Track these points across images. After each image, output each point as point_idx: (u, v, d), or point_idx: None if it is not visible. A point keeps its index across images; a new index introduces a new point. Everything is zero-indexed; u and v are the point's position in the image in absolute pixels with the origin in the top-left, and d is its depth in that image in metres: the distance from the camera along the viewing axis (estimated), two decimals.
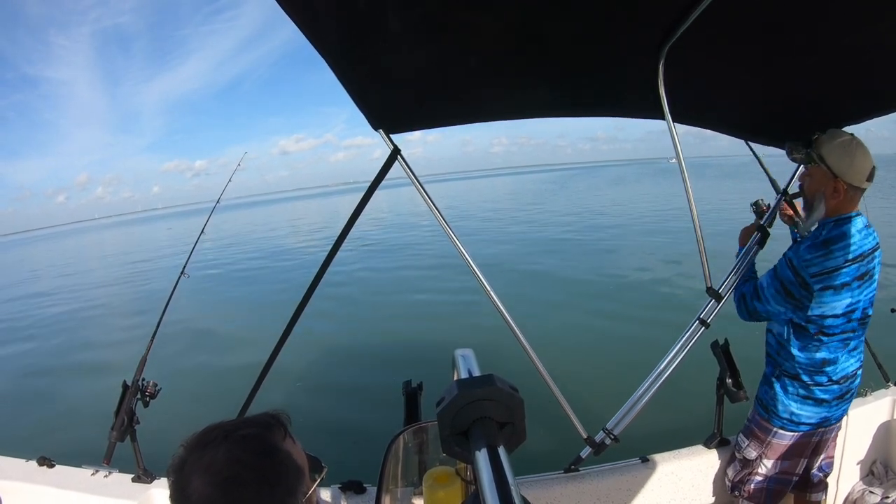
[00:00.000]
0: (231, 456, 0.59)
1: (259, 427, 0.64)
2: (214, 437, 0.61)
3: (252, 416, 0.67)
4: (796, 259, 1.50)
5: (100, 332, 9.82)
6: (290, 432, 0.66)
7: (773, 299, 1.57)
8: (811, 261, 1.47)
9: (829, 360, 1.56)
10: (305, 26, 0.95)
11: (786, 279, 1.52)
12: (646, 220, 17.05)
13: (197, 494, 0.57)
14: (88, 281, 17.57)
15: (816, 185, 1.54)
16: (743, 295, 1.67)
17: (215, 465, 0.58)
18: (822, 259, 1.47)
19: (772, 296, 1.57)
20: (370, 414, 4.58)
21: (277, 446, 0.63)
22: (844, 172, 1.46)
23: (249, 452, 0.60)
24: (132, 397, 1.93)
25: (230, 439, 0.61)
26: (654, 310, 6.84)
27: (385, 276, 11.45)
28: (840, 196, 1.48)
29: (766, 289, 1.59)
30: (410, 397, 1.58)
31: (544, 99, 1.61)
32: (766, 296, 1.59)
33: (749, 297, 1.65)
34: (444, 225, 1.53)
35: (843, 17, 1.11)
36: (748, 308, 1.66)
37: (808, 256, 1.48)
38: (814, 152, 1.51)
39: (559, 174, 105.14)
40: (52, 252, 43.23)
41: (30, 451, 2.03)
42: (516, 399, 0.50)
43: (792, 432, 1.64)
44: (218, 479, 0.58)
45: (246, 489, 0.58)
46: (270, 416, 0.66)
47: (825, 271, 1.46)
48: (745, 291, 1.67)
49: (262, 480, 0.59)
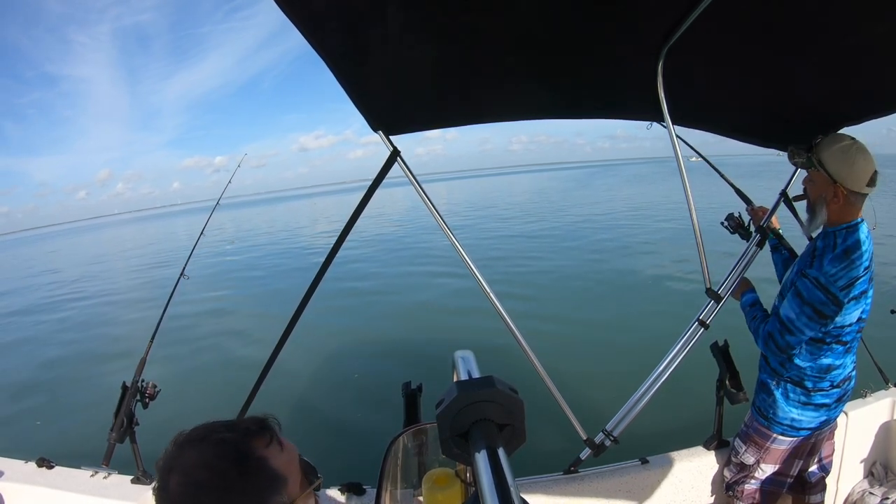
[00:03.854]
0: (201, 460, 0.59)
1: (238, 432, 0.62)
2: (195, 437, 0.61)
3: (241, 419, 0.66)
4: (823, 277, 1.44)
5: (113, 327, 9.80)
6: (278, 438, 0.65)
7: (807, 328, 1.47)
8: (837, 274, 1.43)
9: (833, 366, 1.55)
10: (304, 27, 0.95)
11: (817, 301, 1.44)
12: (658, 219, 16.97)
13: (172, 493, 0.58)
14: (101, 277, 17.53)
15: (818, 189, 1.53)
16: (769, 334, 1.54)
17: (187, 467, 0.59)
18: (846, 270, 1.44)
19: (805, 324, 1.47)
20: (370, 415, 4.57)
21: (251, 454, 0.61)
22: (844, 178, 1.45)
23: (220, 458, 0.59)
24: (131, 398, 1.93)
25: (206, 442, 0.60)
26: (655, 310, 6.84)
27: (385, 276, 11.44)
28: (840, 201, 1.47)
29: (798, 319, 1.48)
30: (410, 399, 1.58)
31: (543, 100, 1.62)
32: (798, 327, 1.48)
33: (779, 335, 1.52)
34: (444, 225, 1.53)
35: (842, 19, 1.11)
36: (780, 345, 1.53)
37: (833, 270, 1.44)
38: (814, 157, 1.50)
39: (578, 172, 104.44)
40: (77, 246, 43.48)
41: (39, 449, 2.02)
42: (516, 401, 0.50)
43: (791, 438, 1.64)
44: (188, 481, 0.58)
45: (209, 494, 0.58)
46: (256, 421, 0.65)
47: (850, 282, 1.44)
48: (770, 331, 1.55)
49: (226, 488, 0.59)
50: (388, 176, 1.54)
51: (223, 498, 0.58)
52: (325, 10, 0.95)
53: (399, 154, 1.46)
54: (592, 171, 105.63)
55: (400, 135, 1.48)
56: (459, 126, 1.60)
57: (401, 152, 1.46)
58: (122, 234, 57.69)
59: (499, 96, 1.51)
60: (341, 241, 1.55)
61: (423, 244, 15.59)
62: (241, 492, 0.59)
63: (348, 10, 0.96)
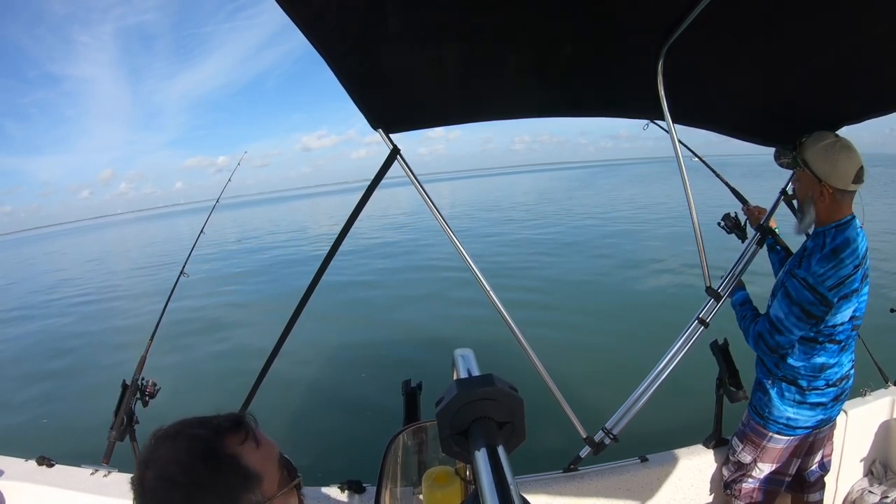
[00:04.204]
0: (172, 455, 0.59)
1: (211, 429, 0.62)
2: (170, 432, 0.61)
3: (217, 415, 0.65)
4: (811, 277, 1.44)
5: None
6: (254, 435, 0.65)
7: (795, 328, 1.49)
8: (825, 274, 1.43)
9: (828, 365, 1.55)
10: (304, 25, 0.95)
11: (806, 301, 1.45)
12: (661, 218, 16.94)
13: (147, 487, 0.59)
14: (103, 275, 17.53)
15: (804, 189, 1.53)
16: (759, 334, 1.56)
17: (161, 462, 0.59)
18: (835, 270, 1.43)
19: (794, 324, 1.48)
20: (370, 413, 4.58)
21: (222, 451, 0.61)
22: (828, 176, 1.44)
23: (189, 455, 0.59)
24: (132, 397, 1.93)
25: (179, 437, 0.61)
26: (655, 309, 6.84)
27: (385, 276, 11.44)
28: (826, 200, 1.46)
29: (786, 319, 1.49)
30: (410, 397, 1.58)
31: (543, 99, 1.61)
32: (787, 326, 1.49)
33: (768, 335, 1.54)
34: (444, 225, 1.53)
35: (842, 19, 1.11)
36: (769, 345, 1.54)
37: (821, 270, 1.44)
38: (798, 156, 1.50)
39: (581, 172, 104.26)
40: (77, 245, 43.57)
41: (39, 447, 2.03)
42: (516, 399, 0.50)
43: (788, 437, 1.63)
44: (161, 475, 0.59)
45: (177, 491, 0.58)
46: (231, 418, 0.65)
47: (840, 282, 1.43)
48: (759, 331, 1.56)
49: (196, 484, 0.59)
50: (390, 176, 1.54)
51: (192, 494, 0.58)
52: (325, 9, 0.95)
53: (399, 152, 1.46)
54: (595, 170, 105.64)
55: (400, 133, 1.48)
56: (459, 124, 1.61)
57: (401, 151, 1.46)
58: (125, 233, 57.93)
59: (498, 94, 1.51)
60: (341, 240, 1.55)
61: (424, 243, 15.59)
62: (211, 489, 0.59)
63: (348, 9, 0.96)
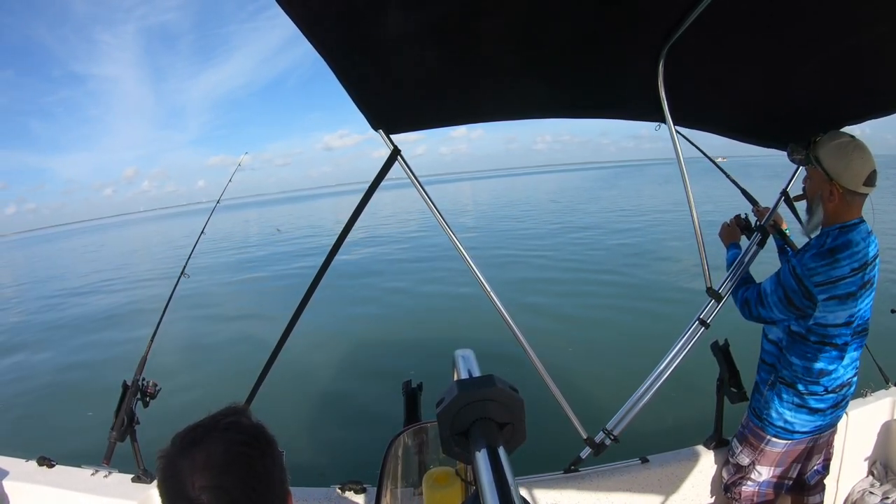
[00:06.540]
0: (228, 444, 0.61)
1: (235, 414, 0.66)
2: (197, 436, 0.61)
3: (214, 413, 0.67)
4: (800, 268, 1.45)
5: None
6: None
7: (775, 307, 1.52)
8: (815, 269, 1.43)
9: (826, 371, 1.53)
10: (305, 26, 0.95)
11: (789, 288, 1.47)
12: (668, 221, 16.90)
13: (199, 491, 0.57)
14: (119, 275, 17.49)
15: (815, 187, 1.52)
16: (746, 300, 1.62)
17: (214, 458, 0.59)
18: (828, 268, 1.42)
19: (774, 303, 1.52)
20: (370, 414, 4.57)
21: (259, 423, 0.66)
22: (839, 175, 1.43)
23: (243, 433, 0.63)
24: (132, 397, 1.93)
25: (218, 429, 0.62)
26: (657, 308, 6.84)
27: (385, 276, 11.44)
28: (836, 200, 1.45)
29: (770, 295, 1.54)
30: (410, 397, 1.58)
31: (544, 100, 1.61)
32: (769, 302, 1.54)
33: (753, 303, 1.59)
34: (444, 224, 1.53)
35: (842, 19, 1.11)
36: (752, 314, 1.61)
37: (812, 265, 1.44)
38: (811, 154, 1.49)
39: (604, 172, 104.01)
40: (100, 243, 43.82)
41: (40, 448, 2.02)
42: (516, 399, 0.50)
43: (785, 440, 1.62)
44: (220, 466, 0.59)
45: (255, 464, 0.61)
46: (233, 408, 0.67)
47: (830, 281, 1.42)
48: (748, 297, 1.62)
49: (265, 453, 0.63)
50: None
51: (265, 462, 0.62)
52: (324, 9, 0.95)
53: (400, 153, 1.46)
54: (618, 171, 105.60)
55: (401, 133, 1.48)
56: (459, 125, 1.61)
57: (401, 151, 1.46)
58: (148, 230, 57.94)
59: (499, 95, 1.51)
60: (341, 240, 1.55)
61: (425, 241, 15.58)
62: (274, 454, 0.65)
63: (347, 9, 0.96)
